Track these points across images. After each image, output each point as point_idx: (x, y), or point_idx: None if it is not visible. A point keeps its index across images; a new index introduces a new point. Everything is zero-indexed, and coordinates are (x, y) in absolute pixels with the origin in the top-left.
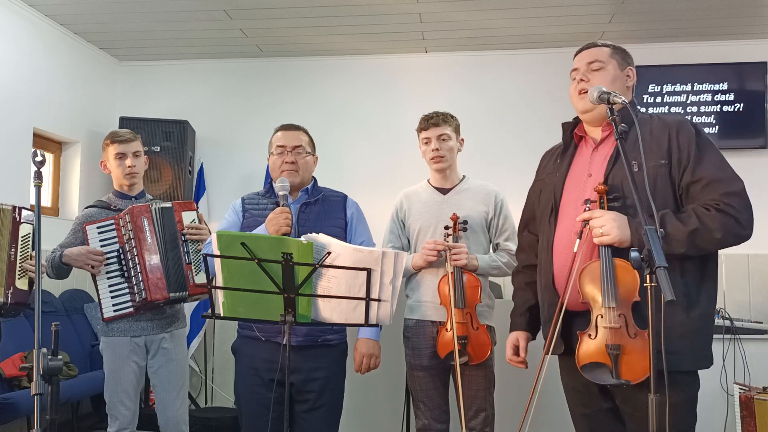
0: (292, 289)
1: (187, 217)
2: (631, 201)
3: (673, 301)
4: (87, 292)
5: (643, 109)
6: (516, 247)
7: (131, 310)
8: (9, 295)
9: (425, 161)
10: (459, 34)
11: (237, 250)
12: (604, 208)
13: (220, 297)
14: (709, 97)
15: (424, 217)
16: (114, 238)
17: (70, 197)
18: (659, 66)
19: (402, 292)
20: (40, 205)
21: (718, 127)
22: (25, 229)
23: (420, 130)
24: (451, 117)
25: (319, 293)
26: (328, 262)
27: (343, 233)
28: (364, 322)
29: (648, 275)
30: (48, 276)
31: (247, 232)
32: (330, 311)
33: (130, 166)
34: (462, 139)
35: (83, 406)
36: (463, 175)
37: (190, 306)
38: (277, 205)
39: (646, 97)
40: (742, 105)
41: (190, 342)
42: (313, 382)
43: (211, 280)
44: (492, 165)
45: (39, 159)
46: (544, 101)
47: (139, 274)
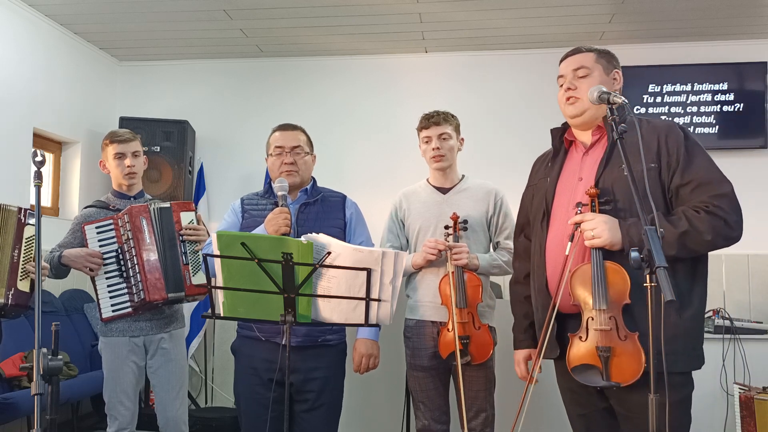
0: (292, 289)
1: (186, 218)
2: (622, 204)
3: (673, 301)
4: (87, 292)
5: (643, 109)
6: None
7: (130, 310)
8: (9, 296)
9: (425, 160)
10: (459, 34)
11: (237, 250)
12: (595, 211)
13: (220, 297)
14: (709, 97)
15: (423, 216)
16: (112, 238)
17: (70, 197)
18: (659, 66)
19: (402, 292)
20: (40, 205)
21: (718, 127)
22: (30, 230)
23: (420, 129)
24: (452, 116)
25: (319, 293)
26: (328, 262)
27: (342, 233)
28: (364, 322)
29: (648, 275)
30: (48, 277)
31: (247, 233)
32: (330, 311)
33: (129, 166)
34: (462, 139)
35: (83, 406)
36: (463, 175)
37: (190, 306)
38: (276, 205)
39: (646, 97)
40: (742, 105)
41: (190, 342)
42: (312, 382)
43: (211, 280)
44: (492, 165)
45: (39, 159)
46: (544, 101)
47: (138, 275)
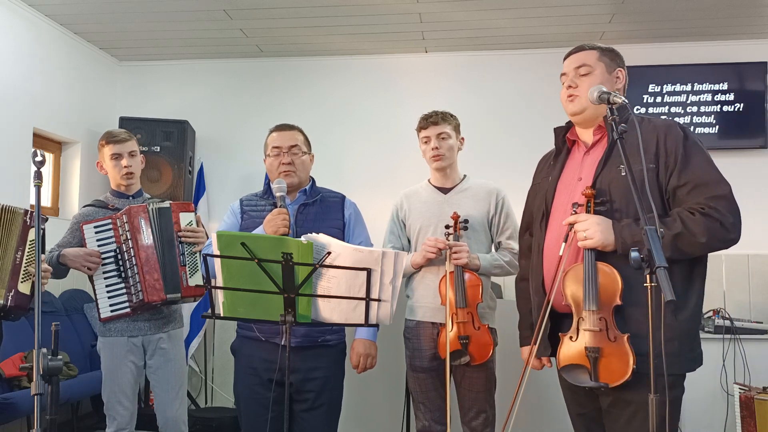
0: (292, 289)
1: (185, 219)
2: (618, 204)
3: (672, 301)
4: (87, 292)
5: (643, 109)
6: (518, 245)
7: (128, 310)
8: (9, 298)
9: (425, 160)
10: (459, 34)
11: (237, 250)
12: (590, 211)
13: (220, 297)
14: (709, 97)
15: (424, 216)
16: (111, 237)
17: (70, 197)
18: (659, 66)
19: (402, 292)
20: (40, 205)
21: (718, 127)
22: (34, 233)
23: (419, 129)
24: (451, 116)
25: (319, 293)
26: (328, 262)
27: (341, 234)
28: (364, 322)
29: (648, 275)
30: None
31: (247, 233)
32: (330, 311)
33: (126, 167)
34: (462, 138)
35: (83, 406)
36: (464, 175)
37: (190, 306)
38: (275, 206)
39: (646, 97)
40: (742, 105)
41: (190, 342)
42: (311, 382)
43: (210, 280)
44: (492, 165)
45: (39, 159)
46: (543, 101)
47: (136, 275)
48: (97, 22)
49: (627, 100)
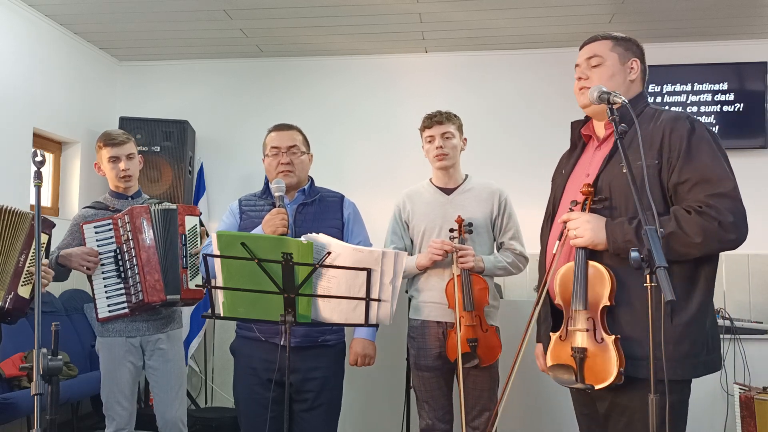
0: (292, 289)
1: (190, 222)
2: (617, 202)
3: (673, 301)
4: (87, 292)
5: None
6: (521, 246)
7: (126, 310)
8: (8, 300)
9: (428, 160)
10: (459, 34)
11: (237, 250)
12: (586, 209)
13: (220, 297)
14: (709, 97)
15: (428, 218)
16: (111, 238)
17: (70, 197)
18: (659, 66)
19: (403, 292)
20: (40, 205)
21: (718, 127)
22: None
23: (423, 128)
24: (455, 116)
25: (319, 293)
26: (328, 262)
27: (339, 234)
28: (364, 322)
29: (648, 275)
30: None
31: (247, 233)
32: (330, 311)
33: (123, 170)
34: (465, 138)
35: (83, 406)
36: (466, 175)
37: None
38: (273, 206)
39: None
40: (742, 105)
41: (189, 342)
42: (311, 382)
43: (210, 280)
44: (492, 165)
45: (39, 159)
46: (543, 101)
47: (137, 275)
48: (97, 22)
49: (626, 101)
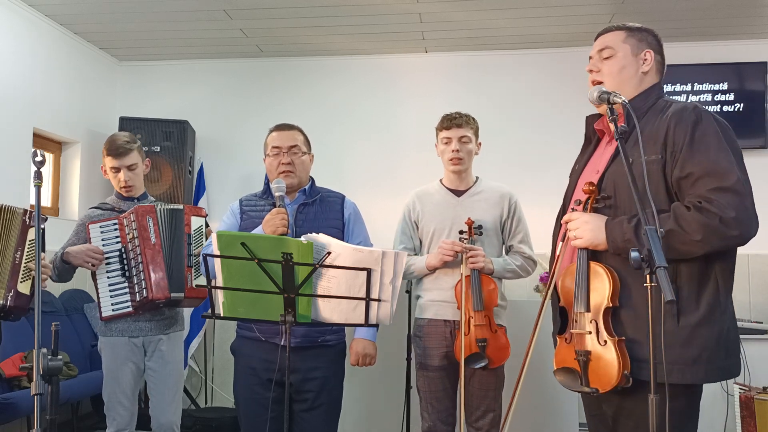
0: (292, 289)
1: (195, 222)
2: (621, 201)
3: (673, 301)
4: (87, 292)
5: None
6: (530, 250)
7: (130, 309)
8: (9, 298)
9: (442, 161)
10: (459, 34)
11: (237, 250)
12: (588, 208)
13: (220, 297)
14: (709, 97)
15: (437, 219)
16: (116, 237)
17: (70, 197)
18: None
19: (403, 292)
20: (40, 205)
21: None
22: (34, 233)
23: (440, 129)
24: (473, 119)
25: (319, 293)
26: (328, 262)
27: (340, 234)
28: (364, 322)
29: (648, 275)
30: (51, 279)
31: (247, 233)
32: (330, 311)
33: (124, 181)
34: (480, 143)
35: (83, 406)
36: (477, 177)
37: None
38: (274, 206)
39: None
40: (742, 105)
41: (190, 342)
42: (311, 382)
43: (210, 280)
44: (491, 165)
45: (39, 159)
46: (543, 101)
47: (141, 273)
48: (97, 22)
49: (626, 100)
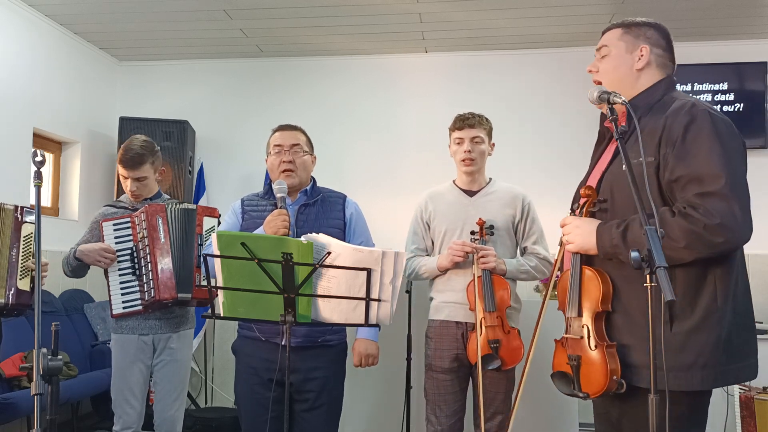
0: (292, 289)
1: (208, 223)
2: (618, 204)
3: (671, 306)
4: (87, 292)
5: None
6: (545, 251)
7: (140, 308)
8: (10, 296)
9: (454, 161)
10: (459, 34)
11: (237, 250)
12: (584, 212)
13: (220, 297)
14: (709, 97)
15: (449, 219)
16: (129, 236)
17: (70, 197)
18: None
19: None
20: (40, 205)
21: None
22: (28, 228)
23: (453, 129)
24: (486, 120)
25: (319, 293)
26: (328, 262)
27: (341, 234)
28: (364, 322)
29: (648, 275)
30: (65, 275)
31: (247, 233)
32: (330, 311)
33: (131, 191)
34: (493, 144)
35: (83, 406)
36: (490, 178)
37: None
38: (275, 207)
39: None
40: (742, 105)
41: None
42: (311, 382)
43: (210, 280)
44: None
45: (39, 159)
46: (543, 101)
47: (150, 273)
48: (97, 22)
49: (626, 100)
